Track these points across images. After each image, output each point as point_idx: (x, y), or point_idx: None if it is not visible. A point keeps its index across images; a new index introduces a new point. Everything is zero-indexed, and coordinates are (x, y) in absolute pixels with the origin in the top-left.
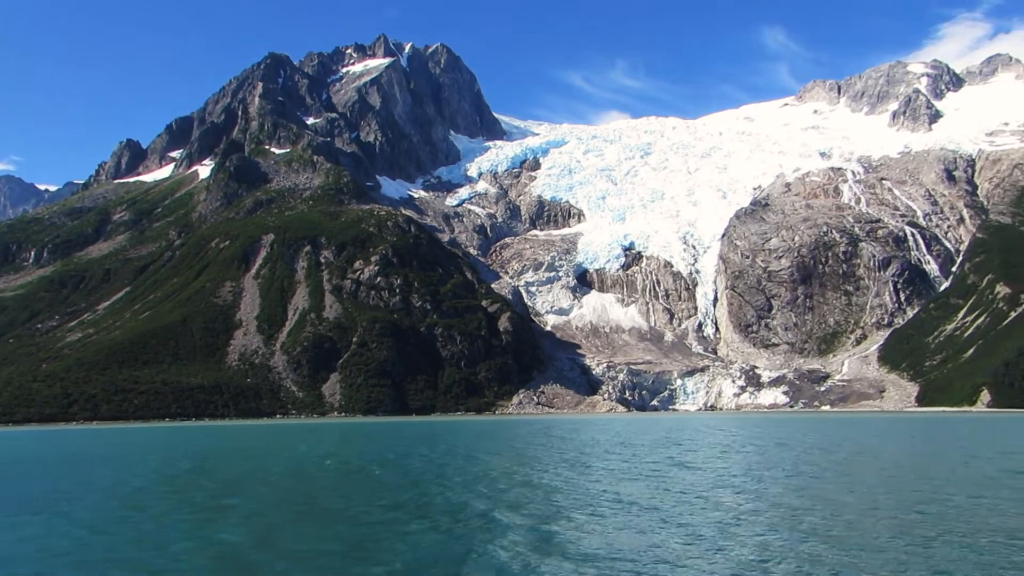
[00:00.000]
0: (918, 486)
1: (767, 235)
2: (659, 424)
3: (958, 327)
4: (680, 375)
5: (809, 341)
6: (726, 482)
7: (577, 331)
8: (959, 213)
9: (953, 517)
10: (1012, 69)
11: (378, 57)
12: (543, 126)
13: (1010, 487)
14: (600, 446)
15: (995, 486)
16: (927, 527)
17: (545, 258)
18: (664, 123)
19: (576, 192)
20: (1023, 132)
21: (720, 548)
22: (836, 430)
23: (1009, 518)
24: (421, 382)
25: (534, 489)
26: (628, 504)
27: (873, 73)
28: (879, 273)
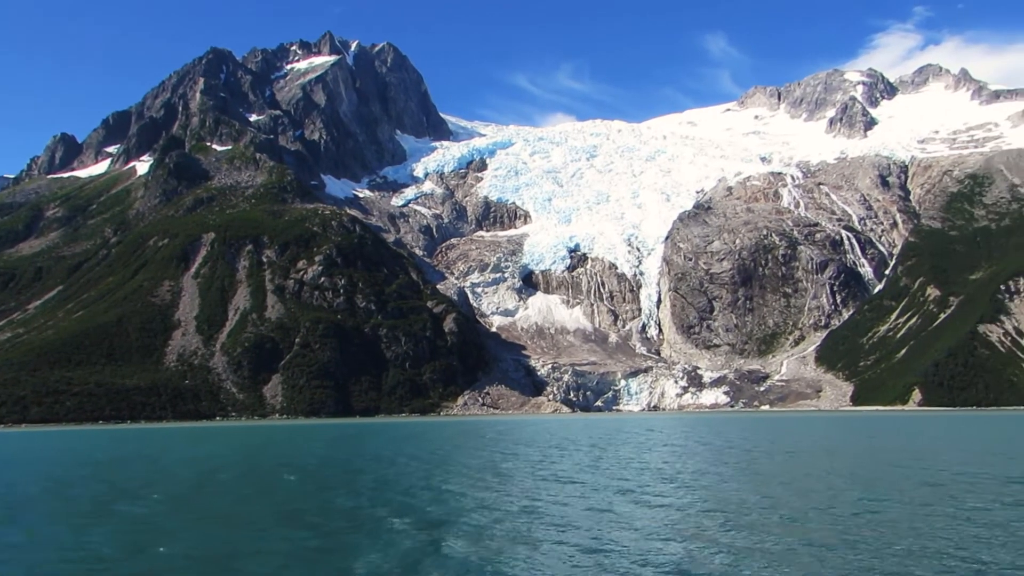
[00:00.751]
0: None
1: (709, 238)
2: (594, 425)
3: (891, 328)
4: (624, 376)
5: (749, 342)
6: (620, 486)
7: (522, 332)
8: (892, 218)
9: (846, 521)
10: (942, 79)
11: (323, 55)
12: (490, 127)
13: (870, 487)
14: (522, 449)
15: (871, 485)
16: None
17: (491, 259)
18: (610, 126)
19: (522, 193)
20: (952, 140)
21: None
22: (762, 429)
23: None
24: (365, 383)
25: (422, 494)
26: (503, 511)
27: (812, 80)
28: (817, 276)
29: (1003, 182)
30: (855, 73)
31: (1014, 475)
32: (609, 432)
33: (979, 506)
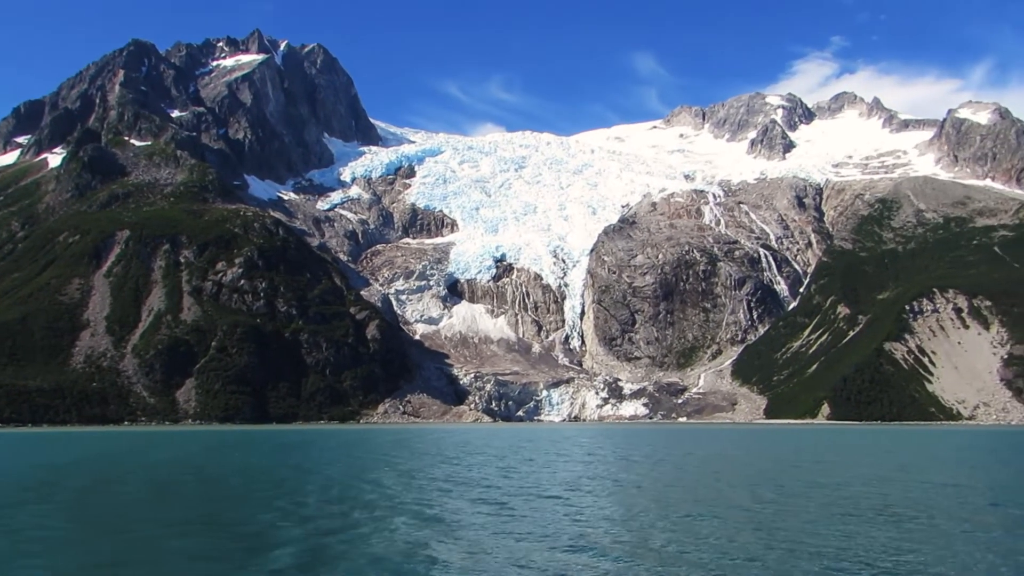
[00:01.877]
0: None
1: (633, 252)
2: (504, 434)
3: (803, 344)
4: (546, 386)
5: (669, 355)
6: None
7: (446, 341)
8: (807, 237)
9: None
10: (856, 107)
11: (251, 53)
12: (419, 134)
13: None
14: (404, 458)
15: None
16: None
17: (417, 266)
18: (539, 138)
19: (450, 202)
20: (864, 165)
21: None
22: (664, 440)
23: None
24: (283, 389)
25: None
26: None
27: (735, 102)
28: (735, 292)
29: (910, 207)
30: (776, 97)
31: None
32: (515, 442)
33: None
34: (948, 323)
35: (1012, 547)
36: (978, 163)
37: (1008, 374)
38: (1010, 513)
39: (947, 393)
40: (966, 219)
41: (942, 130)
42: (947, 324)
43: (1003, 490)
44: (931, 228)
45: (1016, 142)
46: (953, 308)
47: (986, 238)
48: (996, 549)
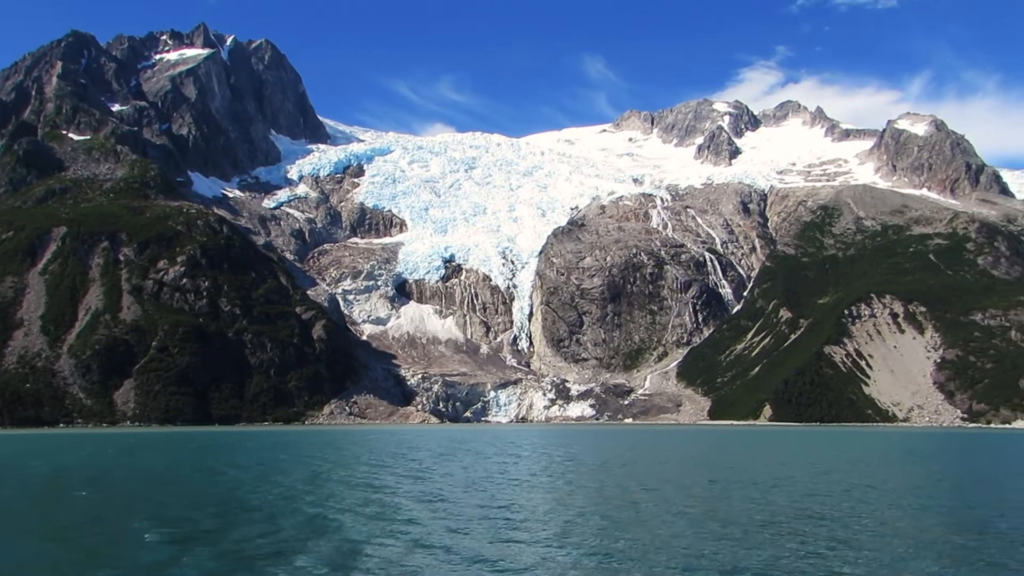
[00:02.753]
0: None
1: (582, 254)
2: (443, 436)
3: (747, 347)
4: (494, 387)
5: (616, 357)
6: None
7: (394, 341)
8: (752, 242)
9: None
10: (800, 115)
11: (196, 47)
12: (369, 133)
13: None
14: (339, 461)
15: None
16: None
17: (364, 266)
18: (489, 139)
19: (399, 202)
20: (807, 173)
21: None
22: (595, 441)
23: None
24: (226, 390)
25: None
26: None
27: (683, 108)
28: (681, 295)
29: (850, 214)
30: (723, 104)
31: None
32: (450, 444)
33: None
34: (885, 328)
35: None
36: (915, 173)
37: (941, 377)
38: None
39: (883, 395)
40: (903, 227)
41: (881, 140)
42: (884, 329)
43: (890, 492)
44: (870, 235)
45: (951, 153)
46: (890, 313)
47: (922, 246)
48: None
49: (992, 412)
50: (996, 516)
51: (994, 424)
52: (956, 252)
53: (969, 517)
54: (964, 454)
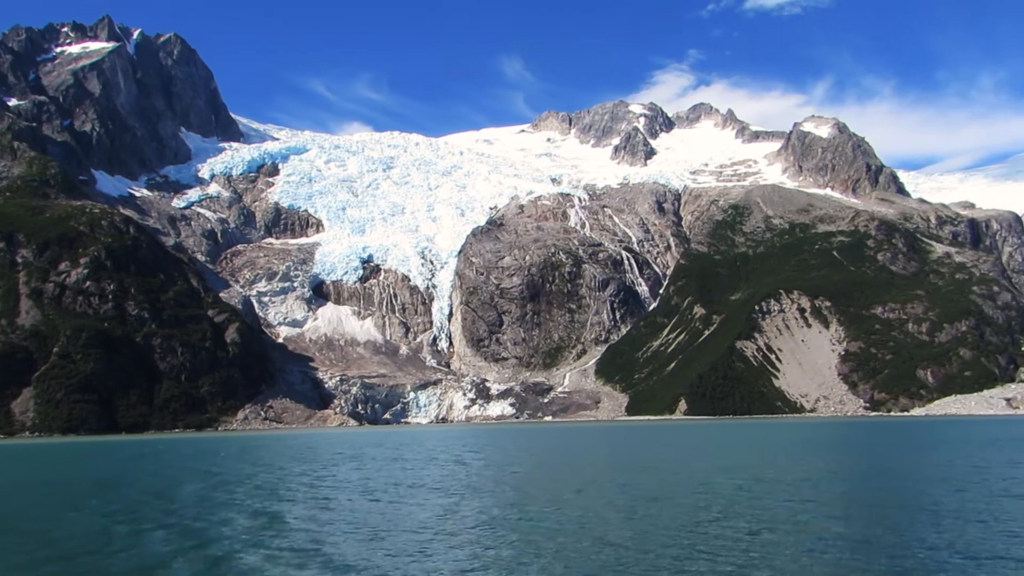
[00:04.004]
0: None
1: (501, 253)
2: (356, 439)
3: (663, 343)
4: (413, 388)
5: (536, 355)
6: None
7: (311, 343)
8: (667, 241)
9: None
10: (712, 117)
11: (100, 40)
12: (284, 131)
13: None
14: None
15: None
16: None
17: (280, 267)
18: (407, 139)
19: (316, 201)
20: (719, 173)
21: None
22: (499, 440)
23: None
24: (134, 397)
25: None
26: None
27: (600, 109)
28: (599, 293)
29: (759, 213)
30: (638, 106)
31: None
32: (356, 447)
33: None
34: (793, 322)
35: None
36: (820, 173)
37: (845, 369)
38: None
39: (792, 387)
40: (809, 225)
41: (788, 142)
42: (792, 323)
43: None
44: (778, 233)
45: (852, 155)
46: (797, 308)
47: (826, 243)
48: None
49: (892, 401)
50: (874, 506)
51: (894, 412)
52: (858, 249)
53: (849, 509)
54: (856, 442)
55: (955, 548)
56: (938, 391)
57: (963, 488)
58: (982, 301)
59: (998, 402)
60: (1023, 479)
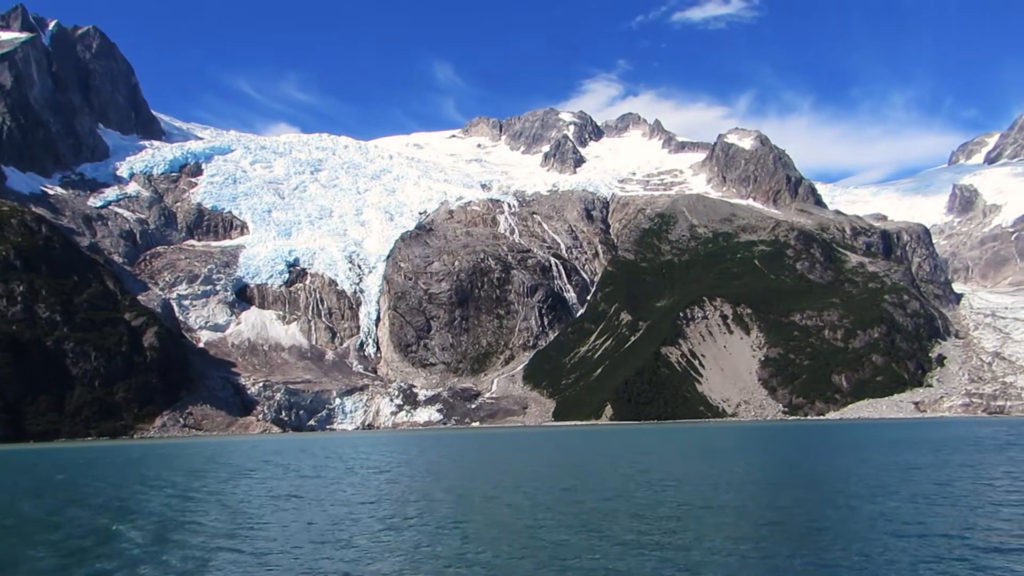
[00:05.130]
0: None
1: (430, 258)
2: (272, 446)
3: (590, 349)
4: (339, 394)
5: (464, 361)
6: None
7: (233, 348)
8: (595, 248)
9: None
10: (640, 127)
11: (12, 30)
12: (208, 130)
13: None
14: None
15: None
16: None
17: (202, 270)
18: (336, 141)
19: (240, 203)
20: (646, 182)
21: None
22: (409, 447)
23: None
24: (44, 404)
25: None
26: None
27: (531, 117)
28: (527, 299)
29: (684, 222)
30: (568, 114)
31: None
32: (264, 456)
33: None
34: (715, 329)
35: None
36: (742, 184)
37: (765, 374)
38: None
39: (714, 392)
40: (732, 234)
41: (713, 153)
42: (715, 329)
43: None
44: (702, 242)
45: (773, 167)
46: (720, 315)
47: (748, 252)
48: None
49: (809, 405)
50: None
51: (810, 416)
52: (778, 258)
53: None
54: (776, 446)
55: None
56: (852, 395)
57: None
58: (893, 309)
59: (907, 406)
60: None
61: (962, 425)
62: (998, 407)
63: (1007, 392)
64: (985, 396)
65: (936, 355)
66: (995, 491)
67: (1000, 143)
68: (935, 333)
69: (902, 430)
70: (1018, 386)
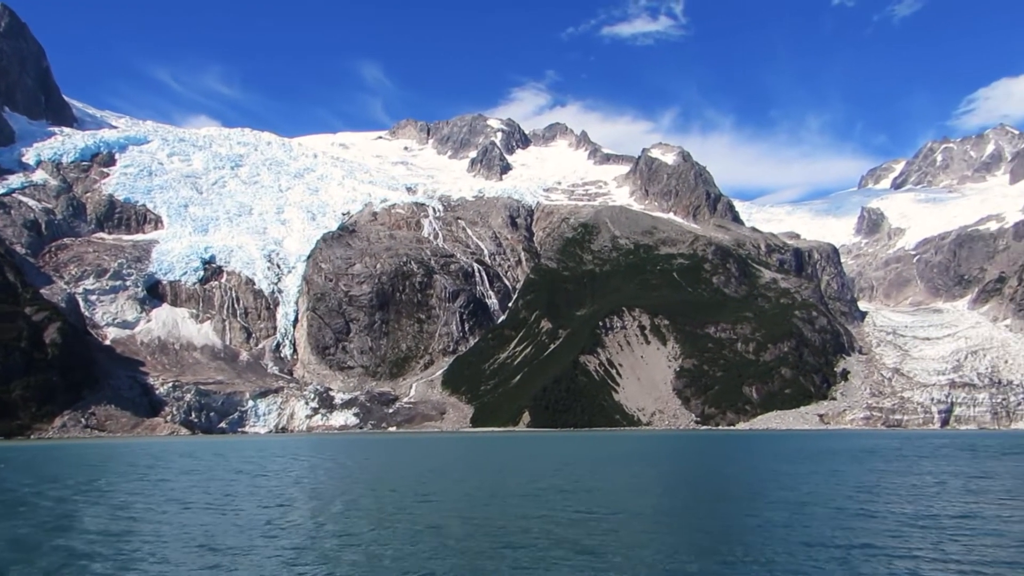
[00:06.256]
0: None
1: (351, 260)
2: (172, 449)
3: (510, 356)
4: (253, 396)
5: (383, 365)
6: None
7: (143, 347)
8: (518, 255)
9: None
10: (567, 137)
11: None
12: (123, 119)
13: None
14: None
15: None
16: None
17: (111, 265)
18: (259, 137)
19: (155, 196)
20: (571, 192)
21: None
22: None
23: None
24: None
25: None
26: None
27: (459, 121)
28: (449, 304)
29: (607, 233)
30: (496, 121)
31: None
32: (159, 460)
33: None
34: (633, 339)
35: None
36: (664, 198)
37: (679, 385)
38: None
39: (630, 401)
40: (652, 247)
41: (637, 167)
42: (632, 340)
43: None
44: (623, 253)
45: (694, 183)
46: (638, 325)
47: (667, 264)
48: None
49: (720, 415)
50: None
51: (722, 426)
52: (695, 271)
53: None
54: (674, 455)
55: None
56: (761, 407)
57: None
58: (802, 324)
59: (812, 417)
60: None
61: (860, 437)
62: (896, 420)
63: (904, 407)
64: (884, 410)
65: (841, 370)
66: (851, 501)
67: (906, 170)
68: (840, 349)
69: (802, 441)
70: (915, 401)
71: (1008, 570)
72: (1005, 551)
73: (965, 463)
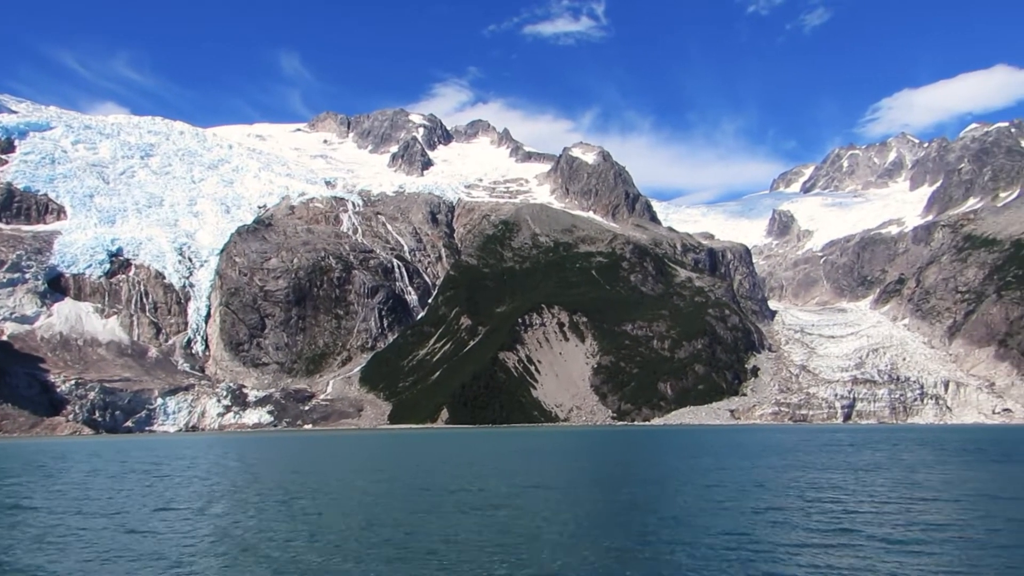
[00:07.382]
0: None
1: (267, 254)
2: (70, 450)
3: (429, 352)
4: (161, 394)
5: (299, 361)
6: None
7: (43, 343)
8: (438, 252)
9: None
10: (489, 135)
11: None
12: (23, 104)
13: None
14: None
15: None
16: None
17: (9, 256)
18: (171, 126)
19: (58, 185)
20: (492, 189)
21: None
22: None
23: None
24: None
25: None
26: None
27: (380, 116)
28: (367, 300)
29: (528, 230)
30: (418, 116)
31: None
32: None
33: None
34: (552, 336)
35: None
36: (584, 197)
37: (596, 381)
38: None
39: (548, 398)
40: (572, 244)
41: (558, 165)
42: (551, 336)
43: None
44: (544, 251)
45: (614, 182)
46: (557, 323)
47: (586, 262)
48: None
49: (636, 411)
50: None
51: (637, 422)
52: (614, 270)
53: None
54: (576, 450)
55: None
56: (675, 403)
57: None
58: (715, 322)
59: (724, 413)
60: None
61: (765, 432)
62: (802, 415)
63: (810, 402)
64: (792, 405)
65: (751, 366)
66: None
67: (815, 175)
68: (751, 346)
69: (707, 436)
70: (820, 397)
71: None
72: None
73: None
